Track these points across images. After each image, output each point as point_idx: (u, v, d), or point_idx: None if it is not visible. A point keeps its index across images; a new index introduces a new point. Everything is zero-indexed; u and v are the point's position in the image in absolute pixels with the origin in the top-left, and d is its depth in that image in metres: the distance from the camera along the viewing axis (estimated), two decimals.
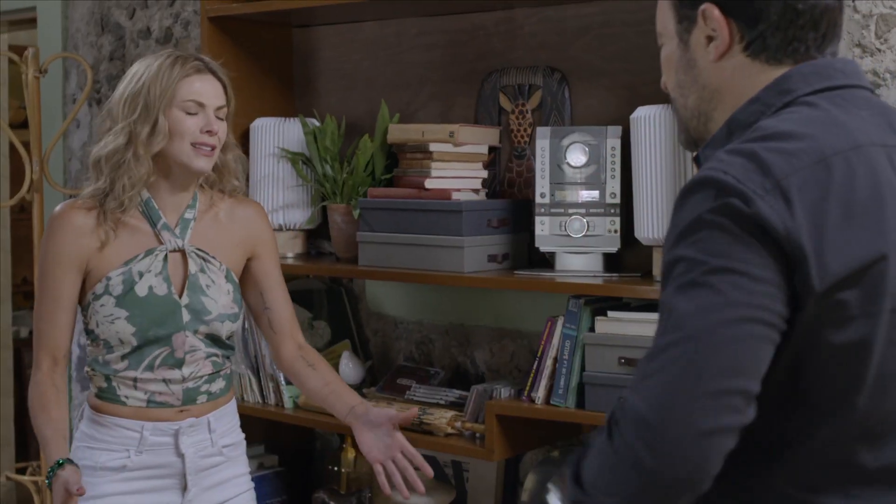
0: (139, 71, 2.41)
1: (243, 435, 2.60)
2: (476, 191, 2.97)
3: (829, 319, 1.37)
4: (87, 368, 2.48)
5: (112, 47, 4.07)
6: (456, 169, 2.94)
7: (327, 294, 3.35)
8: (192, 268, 2.43)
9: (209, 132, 2.39)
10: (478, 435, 2.81)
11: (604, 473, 1.38)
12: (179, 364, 2.42)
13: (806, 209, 1.36)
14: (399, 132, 2.98)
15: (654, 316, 2.56)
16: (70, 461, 2.30)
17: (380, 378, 3.27)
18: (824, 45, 1.51)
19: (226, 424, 2.53)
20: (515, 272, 2.82)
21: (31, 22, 4.38)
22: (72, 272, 2.40)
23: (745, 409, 1.34)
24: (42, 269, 2.42)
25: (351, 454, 3.21)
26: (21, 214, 5.19)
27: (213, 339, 2.46)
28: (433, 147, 2.91)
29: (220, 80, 2.45)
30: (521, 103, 3.02)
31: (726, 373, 1.32)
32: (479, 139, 2.97)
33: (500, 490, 3.11)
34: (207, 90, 2.41)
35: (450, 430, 2.85)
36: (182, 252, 2.44)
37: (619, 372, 2.57)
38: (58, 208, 2.45)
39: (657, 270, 2.61)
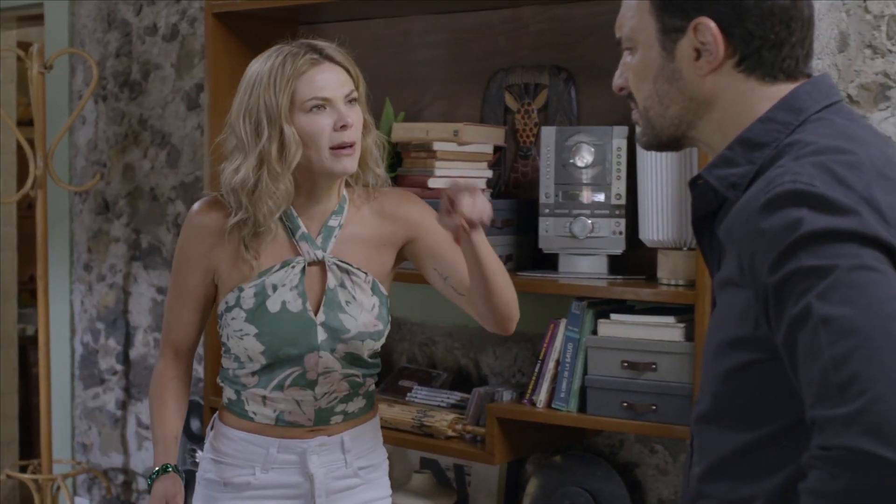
0: (251, 79, 2.19)
1: (385, 454, 2.40)
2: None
3: None
4: (217, 379, 2.35)
5: (118, 43, 4.05)
6: (460, 168, 2.91)
7: None
8: (331, 282, 2.23)
9: (343, 126, 2.15)
10: (478, 438, 2.78)
11: None
12: (312, 385, 2.24)
13: (892, 215, 1.36)
14: (403, 131, 2.95)
15: (659, 319, 2.56)
16: (175, 468, 2.22)
17: (382, 379, 3.24)
18: (808, 61, 1.54)
19: (364, 444, 2.33)
20: (518, 273, 2.79)
21: (39, 18, 4.37)
22: (199, 273, 2.26)
23: None
24: (174, 263, 2.30)
25: None
26: (28, 212, 5.18)
27: (353, 359, 2.26)
28: (437, 146, 2.87)
29: (339, 64, 2.20)
30: (526, 102, 2.98)
31: None
32: (484, 138, 2.94)
33: (503, 494, 3.08)
34: (329, 81, 2.17)
35: (450, 433, 2.82)
36: (322, 264, 2.25)
37: (622, 375, 2.54)
38: (195, 205, 2.29)
39: (662, 273, 2.57)
